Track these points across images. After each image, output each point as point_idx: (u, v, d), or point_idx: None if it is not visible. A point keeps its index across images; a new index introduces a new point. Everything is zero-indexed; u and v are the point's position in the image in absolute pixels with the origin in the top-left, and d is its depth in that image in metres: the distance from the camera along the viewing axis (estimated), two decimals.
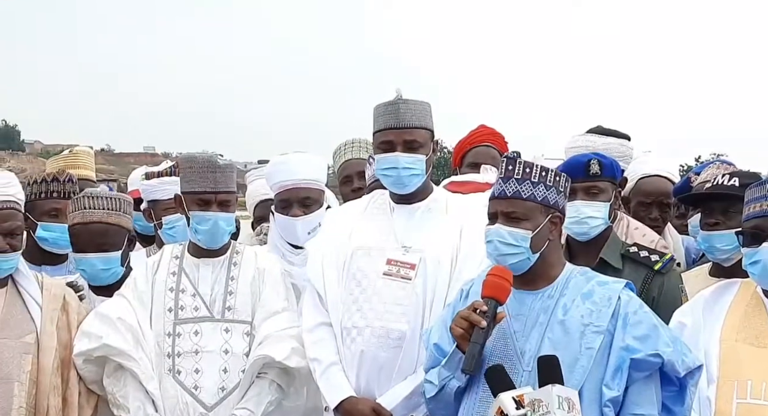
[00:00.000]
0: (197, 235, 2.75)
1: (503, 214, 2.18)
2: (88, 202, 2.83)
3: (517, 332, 2.17)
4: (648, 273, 2.72)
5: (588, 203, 2.80)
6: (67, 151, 4.44)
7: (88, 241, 2.81)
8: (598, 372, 2.08)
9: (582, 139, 3.64)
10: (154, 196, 3.48)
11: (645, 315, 2.14)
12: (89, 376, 2.63)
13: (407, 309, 2.56)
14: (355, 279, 2.65)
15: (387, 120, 2.65)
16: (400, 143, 2.63)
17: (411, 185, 2.67)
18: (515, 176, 2.18)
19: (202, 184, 2.71)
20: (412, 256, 2.61)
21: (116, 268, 2.85)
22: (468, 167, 3.70)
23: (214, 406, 2.60)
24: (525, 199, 2.17)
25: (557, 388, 1.95)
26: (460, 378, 2.17)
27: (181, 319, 2.68)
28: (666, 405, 2.14)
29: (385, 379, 2.57)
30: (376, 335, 2.57)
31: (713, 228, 2.69)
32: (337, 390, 2.59)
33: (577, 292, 2.18)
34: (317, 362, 2.63)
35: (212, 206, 2.71)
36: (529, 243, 2.16)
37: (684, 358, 2.10)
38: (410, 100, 2.67)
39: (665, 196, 3.55)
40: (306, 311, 2.73)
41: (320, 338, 2.66)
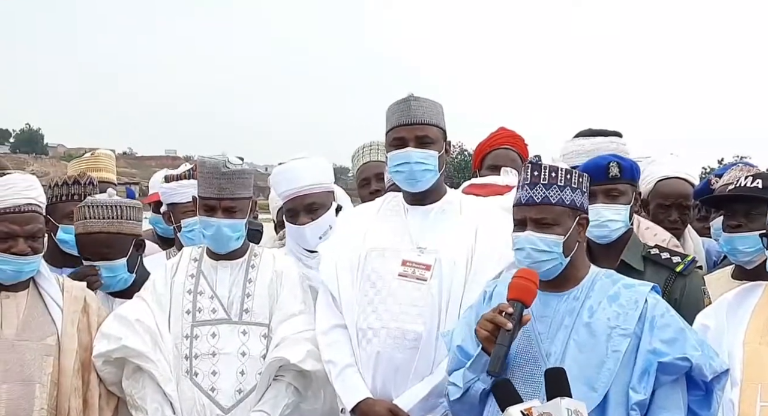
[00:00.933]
0: (205, 239, 2.78)
1: (533, 221, 2.17)
2: (88, 212, 2.84)
3: (541, 334, 2.16)
4: (670, 275, 2.70)
5: (608, 206, 2.78)
6: (88, 154, 4.47)
7: (92, 251, 2.84)
8: (625, 375, 2.07)
9: (572, 144, 3.63)
10: (173, 199, 3.50)
11: (672, 319, 2.13)
12: (109, 378, 2.65)
13: (423, 310, 2.56)
14: (369, 280, 2.64)
15: (399, 117, 2.66)
16: (412, 138, 2.63)
17: (424, 181, 2.66)
18: (542, 181, 2.17)
19: (208, 189, 2.72)
20: (427, 257, 2.61)
21: (122, 275, 2.87)
22: (488, 169, 3.69)
23: (231, 408, 2.60)
24: (554, 204, 2.16)
25: (566, 401, 1.94)
26: (486, 380, 2.16)
27: (198, 321, 2.69)
28: (692, 409, 2.12)
29: (402, 380, 2.57)
30: (392, 336, 2.57)
31: (735, 230, 2.66)
32: (354, 392, 2.59)
33: (603, 295, 2.17)
34: (332, 364, 2.63)
35: (217, 212, 2.71)
36: (561, 248, 2.16)
37: (711, 362, 2.08)
38: (423, 98, 2.68)
39: (684, 198, 3.52)
40: (320, 313, 2.73)
41: (335, 340, 2.66)
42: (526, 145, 3.90)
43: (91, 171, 3.96)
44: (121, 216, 2.87)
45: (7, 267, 2.51)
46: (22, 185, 2.57)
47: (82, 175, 3.31)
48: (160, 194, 3.65)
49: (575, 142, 3.61)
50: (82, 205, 2.89)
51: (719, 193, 2.82)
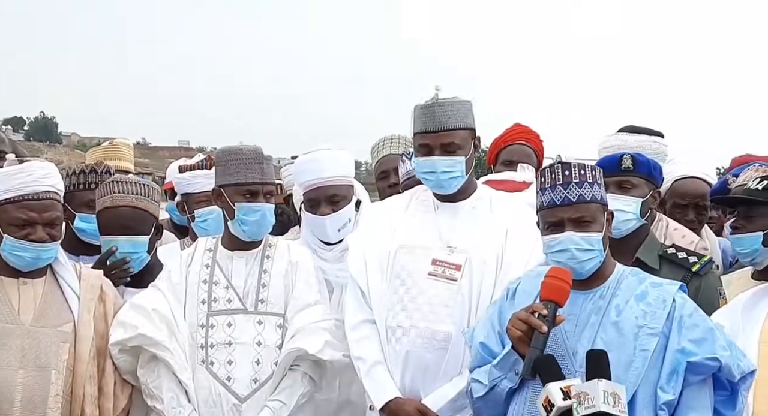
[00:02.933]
0: (243, 226, 2.74)
1: (572, 221, 2.16)
2: (117, 187, 2.87)
3: (568, 332, 2.16)
4: (685, 275, 2.69)
5: (618, 196, 2.78)
6: (107, 143, 4.50)
7: (116, 225, 2.84)
8: (653, 374, 2.07)
9: (614, 138, 3.62)
10: (187, 189, 3.51)
11: (700, 319, 2.12)
12: (124, 366, 2.67)
13: (453, 310, 2.55)
14: (399, 277, 2.64)
15: (424, 123, 2.63)
16: (438, 147, 2.60)
17: (451, 187, 2.65)
18: (574, 180, 2.16)
19: (250, 175, 2.71)
20: (458, 257, 2.59)
21: (143, 253, 2.87)
22: (503, 165, 3.70)
23: (246, 398, 2.61)
24: (589, 201, 2.16)
25: (603, 383, 1.94)
26: (513, 378, 2.16)
27: (214, 311, 2.70)
28: (717, 409, 2.12)
29: (431, 380, 2.57)
30: (421, 336, 2.56)
31: (735, 231, 2.67)
32: (383, 390, 2.59)
33: (630, 293, 2.16)
34: (361, 361, 2.63)
35: (260, 197, 2.72)
36: (601, 244, 2.16)
37: (739, 363, 2.08)
38: (447, 101, 2.63)
39: (701, 197, 3.50)
40: (349, 308, 2.73)
41: (364, 335, 2.66)
42: (541, 140, 3.90)
43: (110, 160, 4.00)
44: (147, 195, 2.89)
45: (25, 254, 2.53)
46: (40, 173, 2.58)
47: (99, 164, 3.33)
48: (174, 184, 3.66)
49: (618, 136, 3.59)
50: (110, 180, 2.91)
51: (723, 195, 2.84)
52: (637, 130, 3.64)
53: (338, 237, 3.01)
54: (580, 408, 1.94)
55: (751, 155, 3.94)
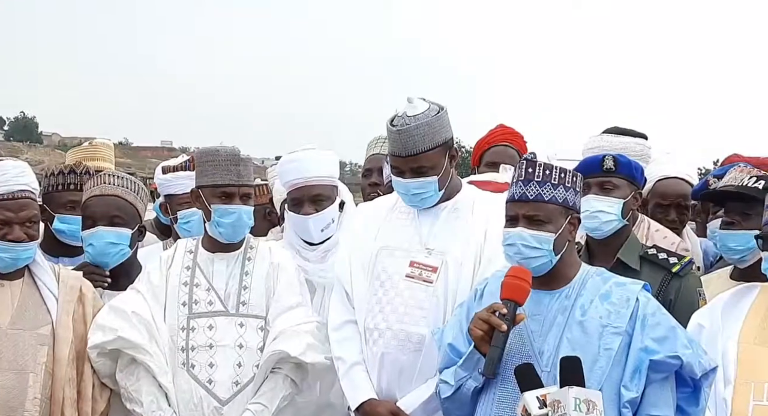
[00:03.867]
0: (219, 229, 2.73)
1: (525, 217, 2.17)
2: (108, 179, 2.87)
3: (534, 332, 2.17)
4: (666, 276, 2.72)
5: (600, 198, 2.81)
6: (87, 143, 4.47)
7: (102, 213, 2.81)
8: (617, 373, 2.08)
9: (598, 140, 3.66)
10: (170, 190, 3.49)
11: (663, 317, 2.15)
12: (103, 370, 2.64)
13: (428, 312, 2.55)
14: (379, 279, 2.64)
15: (392, 146, 2.61)
16: (408, 170, 2.59)
17: (426, 204, 2.65)
18: (536, 179, 2.17)
19: (226, 176, 2.71)
20: (435, 259, 2.60)
21: (125, 248, 2.84)
22: (486, 166, 3.71)
23: (228, 400, 2.60)
24: (547, 201, 2.16)
25: (574, 390, 1.96)
26: (477, 378, 2.17)
27: (195, 313, 2.68)
28: (680, 405, 2.15)
29: (406, 382, 2.57)
30: (396, 338, 2.57)
31: (729, 227, 2.68)
32: (359, 391, 2.60)
33: (595, 293, 2.18)
34: (341, 361, 2.64)
35: (235, 199, 2.71)
36: (552, 245, 2.17)
37: (700, 360, 2.10)
38: (412, 125, 2.52)
39: (683, 198, 3.54)
40: (333, 308, 2.74)
41: (346, 336, 2.67)
42: (525, 142, 3.92)
43: (89, 160, 3.96)
44: (136, 192, 2.90)
45: (4, 255, 2.50)
46: (13, 172, 2.56)
47: (78, 165, 3.30)
48: (157, 185, 3.64)
49: (603, 137, 3.64)
50: (103, 173, 2.91)
51: (721, 189, 2.84)
52: (622, 131, 3.67)
53: (321, 237, 3.00)
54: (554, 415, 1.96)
55: (739, 155, 3.97)
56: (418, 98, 2.60)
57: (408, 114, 2.56)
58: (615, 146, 3.49)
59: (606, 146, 3.50)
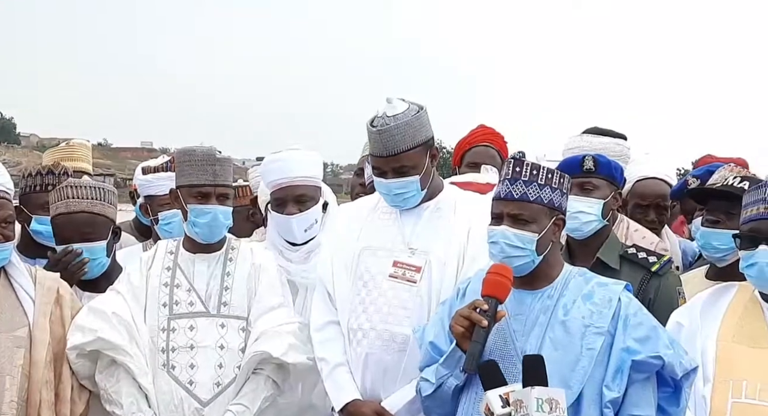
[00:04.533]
0: (195, 229, 2.73)
1: (510, 216, 2.18)
2: (71, 192, 2.81)
3: (516, 332, 2.18)
4: (645, 275, 2.74)
5: (580, 198, 2.82)
6: (64, 144, 4.43)
7: (73, 231, 2.79)
8: (599, 373, 2.09)
9: (578, 140, 3.68)
10: (150, 191, 3.47)
11: (645, 317, 2.16)
12: (82, 371, 2.61)
13: (412, 312, 2.55)
14: (362, 279, 2.64)
15: (374, 147, 2.61)
16: (389, 170, 2.59)
17: (408, 204, 2.65)
18: (522, 178, 2.18)
19: (201, 176, 2.69)
20: (418, 259, 2.60)
21: (102, 259, 2.83)
22: (467, 167, 3.72)
23: (209, 402, 2.58)
24: (532, 201, 2.17)
25: (537, 390, 1.96)
26: (459, 376, 2.17)
27: (175, 314, 2.66)
28: (660, 405, 2.16)
29: (390, 382, 2.57)
30: (381, 338, 2.56)
31: (713, 225, 2.71)
32: (343, 392, 2.59)
33: (578, 293, 2.18)
34: (324, 362, 2.64)
35: (211, 199, 2.70)
36: (535, 245, 2.17)
37: (681, 360, 2.12)
38: (392, 125, 2.53)
39: (662, 198, 3.57)
40: (315, 309, 2.73)
41: (329, 337, 2.66)
42: (506, 142, 3.93)
43: (67, 160, 3.92)
44: (104, 199, 2.85)
45: None
46: None
47: (56, 165, 3.27)
48: (137, 186, 3.61)
49: (582, 138, 3.67)
50: (64, 185, 2.85)
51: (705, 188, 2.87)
52: (601, 131, 3.70)
53: (304, 237, 2.99)
54: (517, 415, 1.96)
55: (713, 156, 4.02)
56: (397, 98, 2.61)
57: (388, 114, 2.56)
58: (594, 146, 3.51)
59: (586, 146, 3.53)
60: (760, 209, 2.25)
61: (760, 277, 2.25)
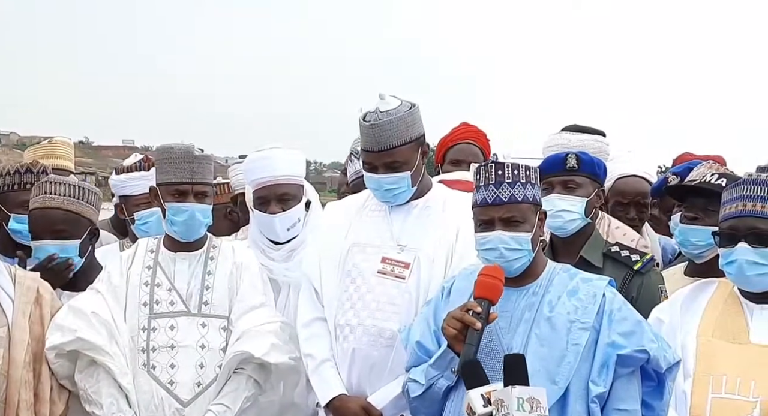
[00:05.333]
0: (173, 227, 2.71)
1: (502, 220, 2.18)
2: (50, 188, 2.79)
3: (502, 328, 2.18)
4: (628, 273, 2.75)
5: (563, 197, 2.83)
6: (46, 141, 4.39)
7: (46, 227, 2.76)
8: (585, 368, 2.11)
9: (557, 138, 3.70)
10: (124, 191, 3.44)
11: (629, 312, 2.18)
12: (61, 371, 2.59)
13: (400, 308, 2.56)
14: (350, 276, 2.64)
15: (366, 142, 2.62)
16: (381, 165, 2.60)
17: (399, 200, 2.66)
18: (507, 180, 2.19)
19: (179, 174, 2.68)
20: (407, 255, 2.60)
21: (74, 258, 2.79)
22: (450, 164, 3.74)
23: (189, 401, 2.57)
24: (521, 201, 2.18)
25: (518, 389, 1.97)
26: (450, 377, 2.17)
27: (156, 314, 2.65)
28: (644, 399, 2.17)
29: (376, 378, 2.57)
30: (368, 334, 2.57)
31: (692, 222, 2.73)
32: (329, 388, 2.60)
33: (562, 289, 2.20)
34: (311, 358, 2.64)
35: (189, 197, 2.68)
36: (530, 244, 2.19)
37: (665, 354, 2.14)
38: (385, 120, 2.55)
39: (642, 195, 3.59)
40: (302, 305, 2.73)
41: (314, 334, 2.66)
42: (488, 139, 3.95)
43: (48, 158, 3.90)
44: (82, 198, 2.81)
45: None
46: None
47: (35, 164, 3.24)
48: (112, 186, 3.58)
49: (561, 135, 3.69)
50: (45, 180, 2.83)
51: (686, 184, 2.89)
52: (580, 129, 3.72)
53: (287, 236, 2.99)
54: (498, 414, 1.97)
55: (691, 153, 4.05)
56: (390, 95, 2.62)
57: (380, 109, 2.58)
58: (573, 144, 3.53)
59: (565, 144, 3.55)
60: (739, 206, 2.28)
61: (739, 274, 2.27)
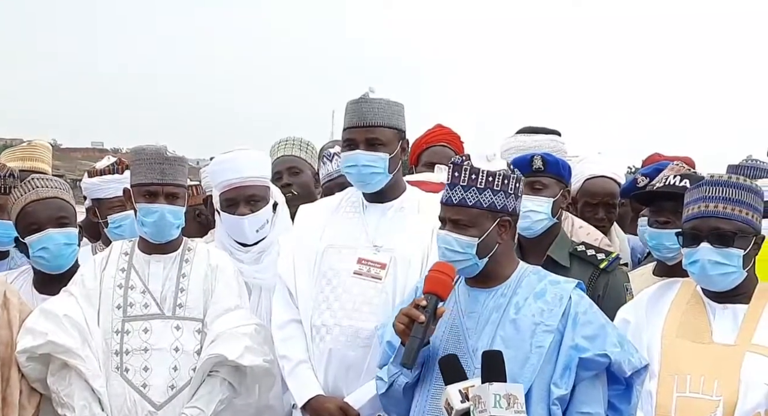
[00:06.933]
0: (143, 228, 2.71)
1: (450, 221, 2.20)
2: (39, 182, 2.81)
3: (469, 329, 2.20)
4: (594, 272, 2.80)
5: (530, 198, 2.86)
6: (25, 143, 4.35)
7: (49, 216, 2.75)
8: (548, 370, 2.12)
9: (513, 140, 3.73)
10: (97, 194, 3.40)
11: (594, 316, 2.18)
12: (33, 375, 2.57)
13: (377, 308, 2.58)
14: (325, 277, 2.65)
15: (351, 118, 2.67)
16: (362, 141, 2.64)
17: (373, 183, 2.67)
18: (461, 183, 2.19)
19: (150, 175, 2.68)
20: (383, 256, 2.63)
21: (75, 248, 2.81)
22: (424, 166, 3.75)
23: (163, 404, 2.57)
24: (470, 206, 2.18)
25: (495, 386, 1.98)
26: (408, 374, 2.19)
27: (130, 316, 2.64)
28: (612, 403, 2.19)
29: (354, 378, 2.59)
30: (345, 334, 2.58)
31: (663, 226, 2.77)
32: (306, 389, 2.61)
33: (530, 291, 2.21)
34: (286, 360, 2.65)
35: (159, 198, 2.68)
36: (475, 249, 2.18)
37: (630, 358, 2.15)
38: (377, 99, 2.66)
39: (611, 196, 3.62)
40: (276, 307, 2.73)
41: (290, 335, 2.67)
42: (463, 142, 3.96)
43: (27, 160, 3.88)
44: (68, 192, 2.85)
45: None
46: None
47: (1, 167, 3.20)
48: (83, 190, 3.54)
49: (516, 138, 3.72)
50: (30, 178, 2.83)
51: (649, 190, 2.93)
52: (535, 130, 3.75)
53: (256, 237, 2.98)
54: (475, 411, 1.99)
55: (660, 154, 4.11)
56: None
57: (369, 95, 2.65)
58: (528, 145, 3.56)
59: (520, 146, 3.58)
60: (701, 207, 2.31)
61: (702, 274, 2.31)
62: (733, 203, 2.28)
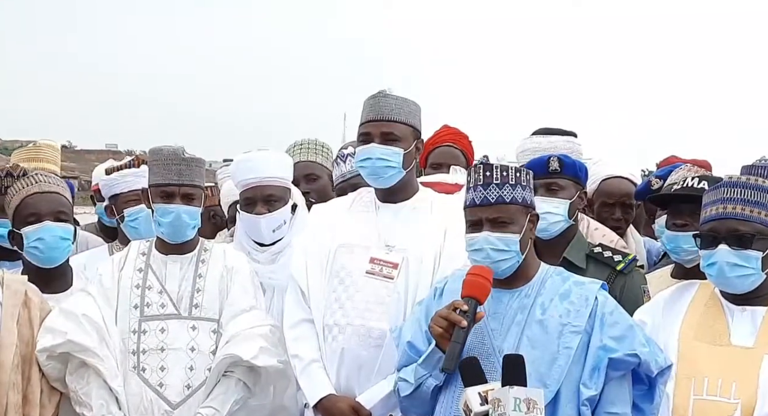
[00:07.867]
0: (160, 228, 2.73)
1: (489, 221, 2.20)
2: (41, 177, 2.82)
3: (494, 330, 2.20)
4: (611, 274, 2.78)
5: (547, 199, 2.85)
6: (31, 144, 4.38)
7: (48, 209, 2.75)
8: (576, 371, 2.12)
9: (528, 142, 3.72)
10: (115, 190, 3.42)
11: (621, 316, 2.19)
12: (53, 373, 2.59)
13: (389, 308, 2.58)
14: (338, 276, 2.66)
15: (368, 112, 2.69)
16: (378, 135, 2.65)
17: (386, 177, 2.67)
18: (495, 181, 2.20)
19: (166, 176, 2.70)
20: (396, 255, 2.63)
21: (70, 244, 2.80)
22: (432, 167, 3.75)
23: (179, 404, 2.58)
24: (509, 202, 2.20)
25: (515, 390, 1.98)
26: (438, 376, 2.19)
27: (147, 316, 2.65)
28: (635, 403, 2.19)
29: (365, 378, 2.59)
30: (357, 333, 2.58)
31: (681, 229, 2.74)
32: (317, 388, 2.61)
33: (555, 292, 2.21)
34: (298, 359, 2.65)
35: (175, 198, 2.69)
36: (518, 246, 2.20)
37: (657, 358, 2.16)
38: (394, 95, 2.69)
39: (627, 196, 3.61)
40: (288, 307, 2.74)
41: (301, 335, 2.67)
42: (470, 141, 3.96)
43: (33, 161, 3.88)
44: (68, 192, 2.87)
45: None
46: None
47: (14, 167, 3.22)
48: (101, 187, 3.57)
49: (532, 139, 3.71)
50: (32, 173, 2.85)
51: (666, 192, 2.91)
52: (551, 131, 3.74)
53: (273, 238, 3.00)
54: (494, 414, 1.98)
55: (677, 157, 4.09)
56: None
57: (388, 90, 2.69)
58: (544, 146, 3.55)
59: (536, 147, 3.58)
60: (719, 209, 2.30)
61: (720, 276, 2.29)
62: (751, 205, 2.27)
